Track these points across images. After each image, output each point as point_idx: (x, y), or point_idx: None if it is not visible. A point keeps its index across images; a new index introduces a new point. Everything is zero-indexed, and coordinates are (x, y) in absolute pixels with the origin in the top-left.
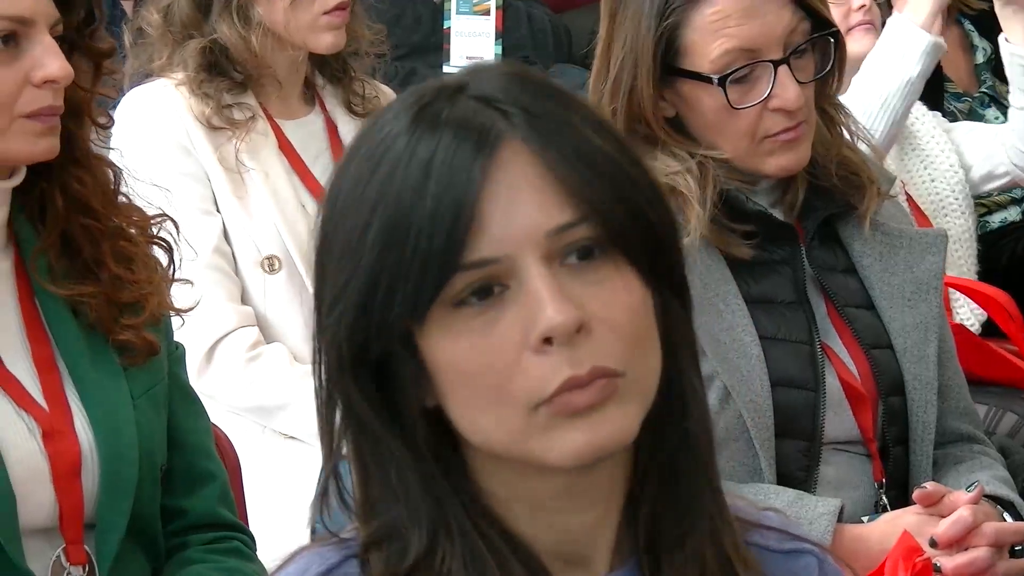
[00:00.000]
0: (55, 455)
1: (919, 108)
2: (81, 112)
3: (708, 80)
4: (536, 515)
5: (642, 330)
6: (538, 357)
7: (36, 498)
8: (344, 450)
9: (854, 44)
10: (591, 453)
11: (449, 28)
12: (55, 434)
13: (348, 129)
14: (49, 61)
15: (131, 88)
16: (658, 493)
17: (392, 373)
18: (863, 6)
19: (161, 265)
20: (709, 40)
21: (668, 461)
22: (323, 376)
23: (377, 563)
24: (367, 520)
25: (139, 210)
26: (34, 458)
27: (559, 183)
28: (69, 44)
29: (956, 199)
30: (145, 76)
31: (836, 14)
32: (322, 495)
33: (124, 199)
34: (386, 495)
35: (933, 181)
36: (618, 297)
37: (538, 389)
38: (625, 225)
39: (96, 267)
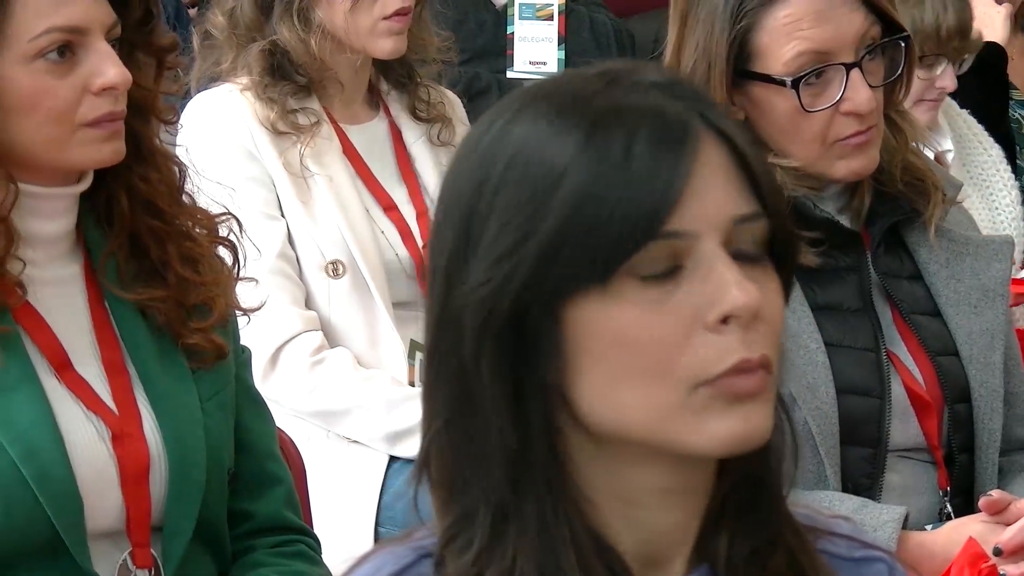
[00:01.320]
0: (124, 458)
1: (987, 139)
2: (146, 110)
3: (781, 83)
4: (626, 511)
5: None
6: (711, 336)
7: (104, 501)
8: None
9: (918, 115)
10: (739, 443)
11: (512, 33)
12: (124, 437)
13: (413, 135)
14: (106, 68)
15: (199, 91)
16: (743, 499)
17: (527, 342)
18: (945, 89)
19: (226, 265)
20: (782, 42)
21: (753, 468)
22: (440, 339)
23: (452, 559)
24: (445, 511)
25: (203, 210)
26: (102, 461)
27: (742, 176)
28: (129, 43)
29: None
30: (212, 79)
31: (917, 82)
32: (423, 465)
33: (189, 198)
34: (467, 478)
35: (991, 211)
36: (775, 298)
37: (706, 368)
38: (785, 230)
39: (163, 270)
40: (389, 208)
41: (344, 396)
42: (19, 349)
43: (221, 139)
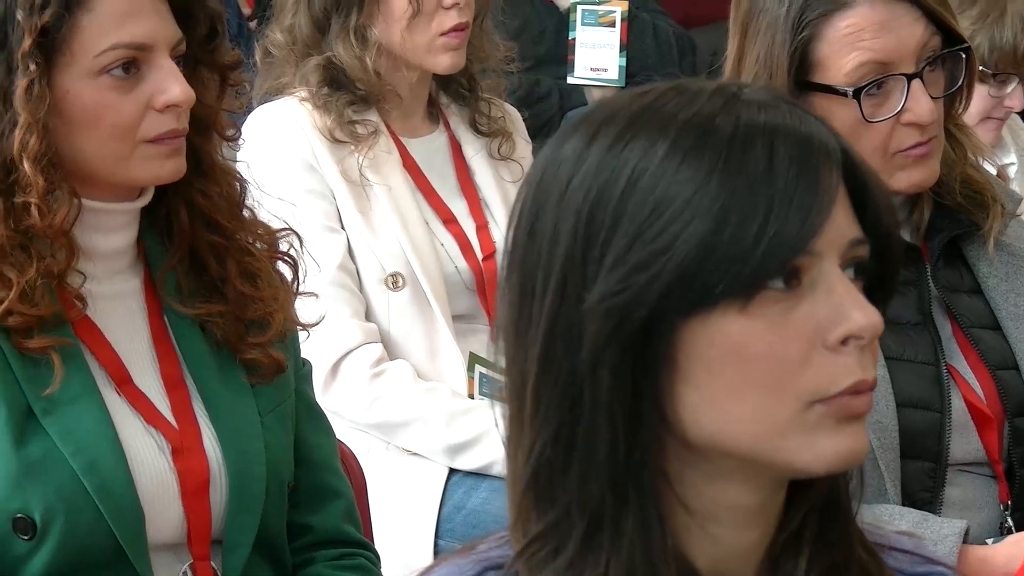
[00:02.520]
0: (184, 472)
1: None
2: (208, 126)
3: (842, 93)
4: (709, 529)
5: None
6: (830, 355)
7: (165, 514)
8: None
9: (982, 132)
10: (846, 462)
11: (574, 39)
12: (184, 451)
13: (473, 148)
14: (170, 85)
15: (260, 105)
16: (819, 518)
17: (648, 351)
18: (1012, 108)
19: (285, 280)
20: (843, 53)
21: (829, 486)
22: (552, 346)
23: (535, 568)
24: (527, 519)
25: (264, 225)
26: (163, 475)
27: (850, 199)
28: (194, 60)
29: None
30: (273, 94)
31: (987, 99)
32: (534, 474)
33: (249, 213)
34: (560, 485)
35: None
36: None
37: (824, 386)
38: (893, 253)
39: (222, 285)
40: (449, 221)
41: (404, 408)
42: (80, 363)
43: (281, 151)
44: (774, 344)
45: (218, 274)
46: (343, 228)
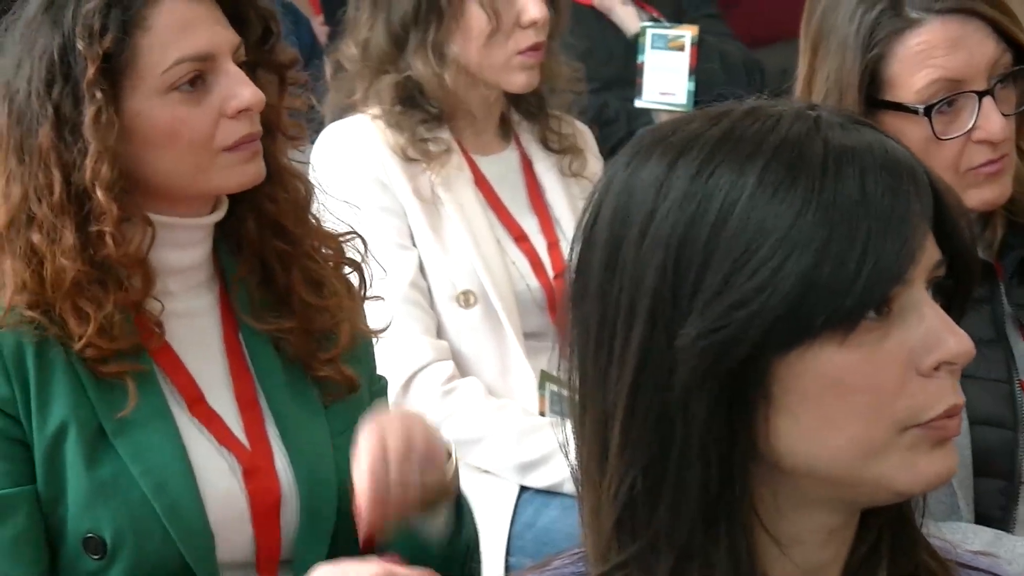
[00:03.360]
0: (255, 493)
1: None
2: (272, 127)
3: (913, 111)
4: (792, 551)
5: None
6: (924, 380)
7: (235, 535)
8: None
9: None
10: (942, 481)
11: (643, 63)
12: (255, 472)
13: (544, 166)
14: (239, 90)
15: (331, 122)
16: (892, 532)
17: (742, 385)
18: None
19: (352, 287)
20: (914, 70)
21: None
22: (643, 380)
23: None
24: (607, 552)
25: (329, 231)
26: (234, 496)
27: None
28: (251, 63)
29: None
30: (345, 109)
31: None
32: (624, 507)
33: (315, 219)
34: (645, 524)
35: None
36: None
37: (920, 412)
38: (970, 274)
39: (288, 296)
40: (520, 239)
41: (475, 425)
42: (153, 384)
43: (353, 169)
44: (870, 373)
45: (284, 284)
46: (415, 245)
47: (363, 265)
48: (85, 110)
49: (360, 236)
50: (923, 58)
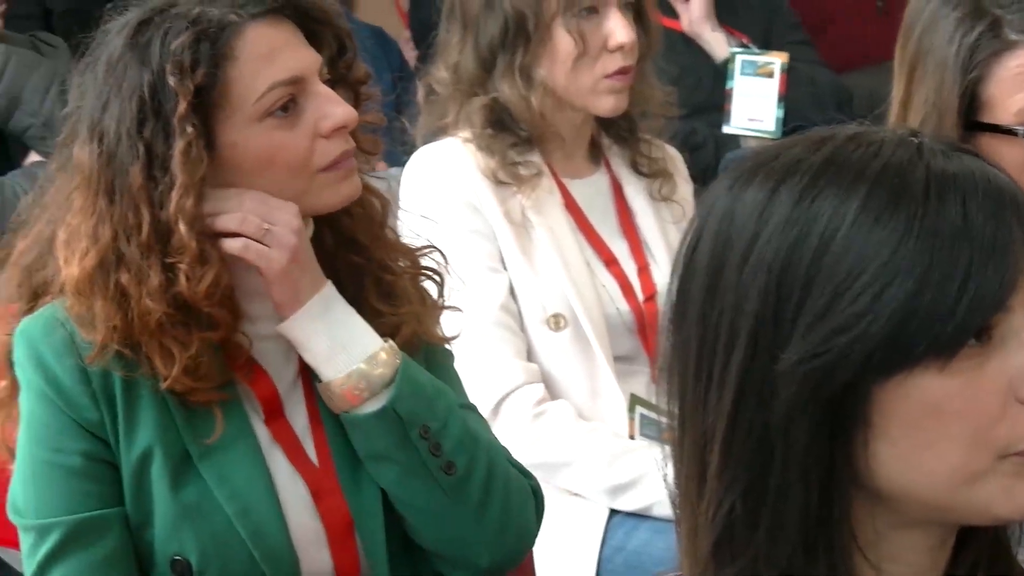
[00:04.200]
0: (326, 515)
1: None
2: None
3: (1012, 132)
4: (889, 572)
5: None
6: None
7: (316, 558)
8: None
9: None
10: None
11: (731, 89)
12: (324, 493)
13: (634, 189)
14: (332, 109)
15: (423, 144)
16: (988, 553)
17: (843, 409)
18: None
19: (427, 295)
20: (1012, 92)
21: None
22: (743, 404)
23: None
24: (704, 573)
25: (405, 245)
26: (312, 517)
27: None
28: (329, 80)
29: None
30: (436, 132)
31: None
32: (723, 530)
33: (392, 231)
34: (744, 547)
35: None
36: None
37: (1020, 440)
38: None
39: (359, 306)
40: (610, 262)
41: (565, 448)
42: (237, 405)
43: (445, 191)
44: (970, 400)
45: (355, 294)
46: (505, 269)
47: (441, 275)
48: (175, 145)
49: (438, 249)
50: (1022, 80)
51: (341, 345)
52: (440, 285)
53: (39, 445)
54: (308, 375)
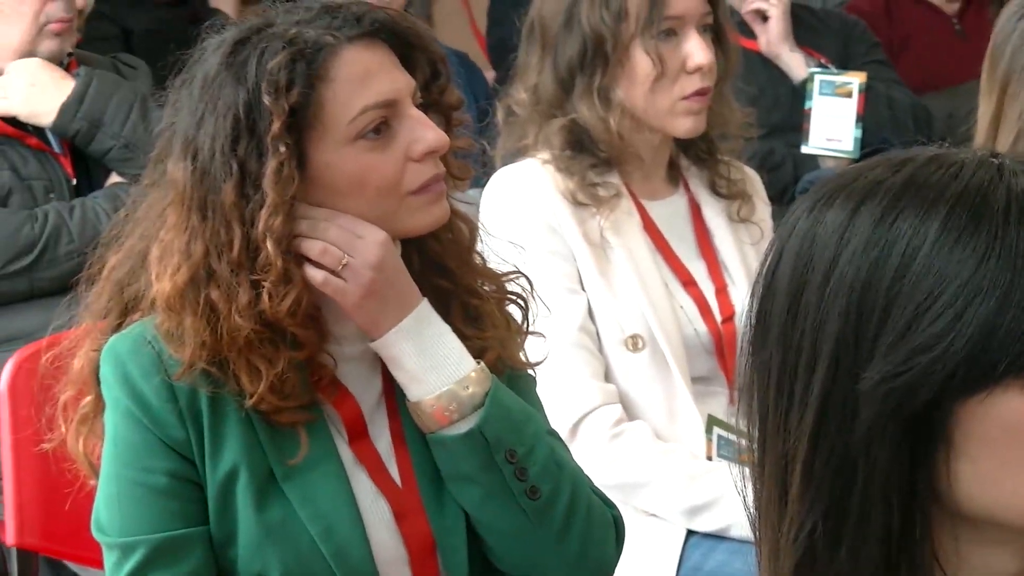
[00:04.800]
0: (408, 536)
1: None
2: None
3: None
4: None
5: None
6: None
7: None
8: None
9: None
10: None
11: (810, 109)
12: (407, 514)
13: (712, 211)
14: (424, 133)
15: (503, 166)
16: None
17: (925, 428)
18: None
19: (512, 320)
20: None
21: None
22: (824, 424)
23: None
24: None
25: (491, 270)
26: (395, 538)
27: None
28: (422, 105)
29: None
30: (515, 154)
31: None
32: (805, 551)
33: (479, 256)
34: (826, 568)
35: None
36: None
37: None
38: None
39: None
40: (688, 283)
41: (643, 469)
42: (322, 426)
43: (524, 212)
44: None
45: (441, 318)
46: (584, 289)
47: (527, 300)
48: (267, 164)
49: (524, 275)
50: None
51: (433, 365)
52: (525, 311)
53: (125, 464)
54: (393, 395)
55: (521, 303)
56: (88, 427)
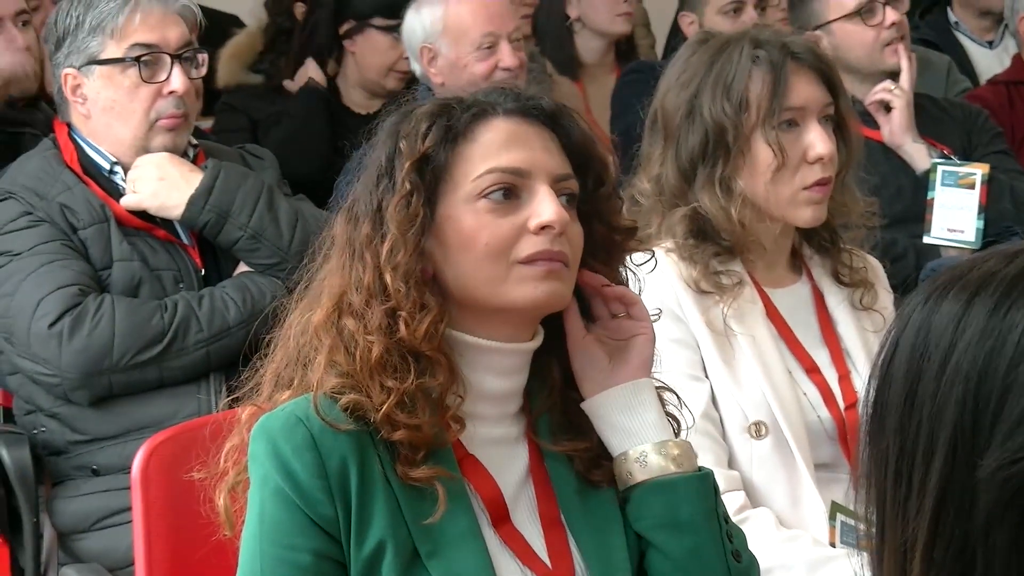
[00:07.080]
0: None
1: None
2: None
3: None
4: None
5: None
6: None
7: None
8: None
9: None
10: None
11: (932, 199)
12: None
13: (835, 299)
14: (544, 208)
15: None
16: None
17: None
18: None
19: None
20: None
21: None
22: (944, 510)
23: None
24: None
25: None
26: None
27: None
28: (585, 214)
29: None
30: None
31: None
32: None
33: None
34: None
35: None
36: None
37: None
38: None
39: (582, 419)
40: (811, 370)
41: (766, 555)
42: (465, 501)
43: (648, 301)
44: None
45: (586, 430)
46: (707, 377)
47: (676, 420)
48: (394, 200)
49: (671, 390)
50: None
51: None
52: (676, 425)
53: (270, 542)
54: (540, 478)
55: (673, 422)
56: (240, 489)
